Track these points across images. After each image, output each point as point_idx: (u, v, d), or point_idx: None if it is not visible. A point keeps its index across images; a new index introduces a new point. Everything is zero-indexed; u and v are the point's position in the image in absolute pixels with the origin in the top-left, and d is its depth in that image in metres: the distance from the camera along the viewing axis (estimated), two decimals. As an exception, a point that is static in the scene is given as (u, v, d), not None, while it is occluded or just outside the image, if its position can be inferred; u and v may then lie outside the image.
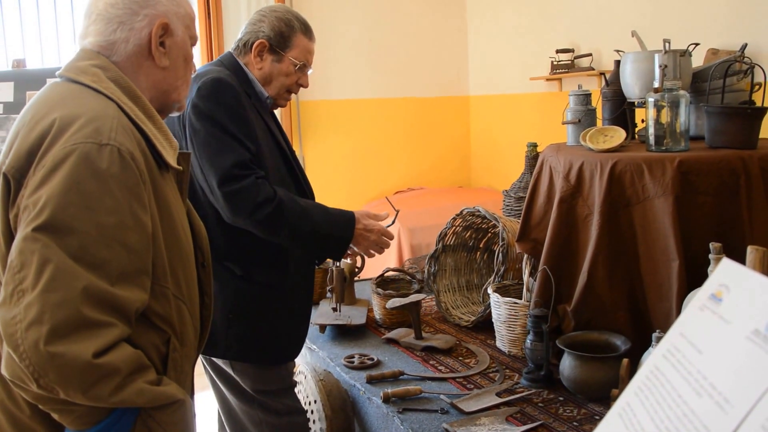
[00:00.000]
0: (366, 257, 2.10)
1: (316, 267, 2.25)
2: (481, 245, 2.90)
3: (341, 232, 1.92)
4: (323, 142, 4.97)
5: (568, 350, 1.86)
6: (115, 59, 1.28)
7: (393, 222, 2.11)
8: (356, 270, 2.91)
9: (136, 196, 1.15)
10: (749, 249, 1.05)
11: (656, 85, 1.86)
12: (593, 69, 3.94)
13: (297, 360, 2.40)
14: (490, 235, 2.86)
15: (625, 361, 1.56)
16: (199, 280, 1.40)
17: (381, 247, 2.01)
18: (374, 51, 5.09)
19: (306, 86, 2.10)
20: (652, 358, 0.79)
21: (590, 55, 3.97)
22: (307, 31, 2.04)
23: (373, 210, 2.12)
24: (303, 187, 2.04)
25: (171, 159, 1.29)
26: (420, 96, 5.27)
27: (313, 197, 2.09)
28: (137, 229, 1.14)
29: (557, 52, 4.09)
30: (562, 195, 2.00)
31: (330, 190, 4.98)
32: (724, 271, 0.76)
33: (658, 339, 1.75)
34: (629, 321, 1.93)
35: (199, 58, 4.46)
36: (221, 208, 1.80)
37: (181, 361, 1.27)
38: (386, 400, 1.95)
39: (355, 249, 1.99)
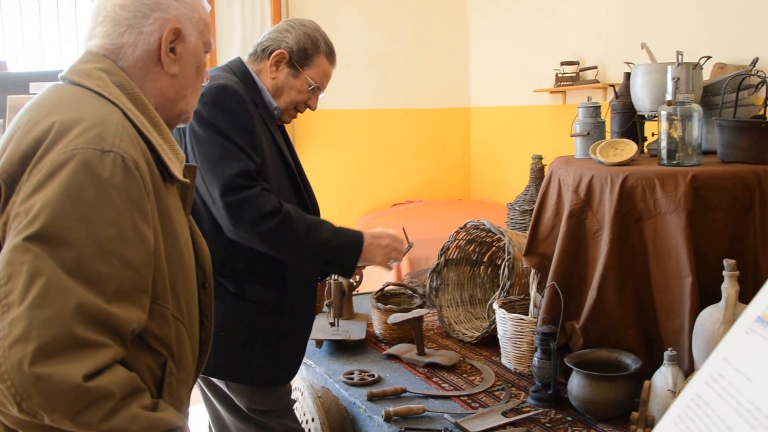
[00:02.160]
0: (385, 269, 2.01)
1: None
2: (485, 259, 2.85)
3: (351, 244, 1.85)
4: (319, 152, 4.92)
5: (577, 369, 1.81)
6: (121, 64, 1.21)
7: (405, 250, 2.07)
8: (354, 284, 2.86)
9: (138, 208, 1.07)
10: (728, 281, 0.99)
11: (669, 98, 1.82)
12: (598, 82, 3.91)
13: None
14: (494, 248, 2.81)
15: (647, 383, 1.51)
16: (200, 301, 1.33)
17: (399, 253, 1.94)
18: (373, 60, 5.05)
19: (313, 109, 2.05)
20: (693, 385, 0.73)
21: (596, 67, 3.94)
22: (330, 54, 1.99)
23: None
24: (306, 204, 1.97)
25: (177, 171, 1.22)
26: (420, 107, 5.23)
27: (317, 214, 2.03)
28: (138, 243, 1.06)
29: (562, 64, 4.06)
30: (572, 209, 1.95)
31: (326, 201, 4.89)
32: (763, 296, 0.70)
33: (671, 357, 1.70)
34: (640, 339, 1.88)
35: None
36: (222, 218, 1.73)
37: (177, 386, 1.19)
38: (388, 418, 1.88)
39: (372, 263, 1.91)
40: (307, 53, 1.93)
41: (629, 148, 1.94)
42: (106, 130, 1.08)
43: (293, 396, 2.32)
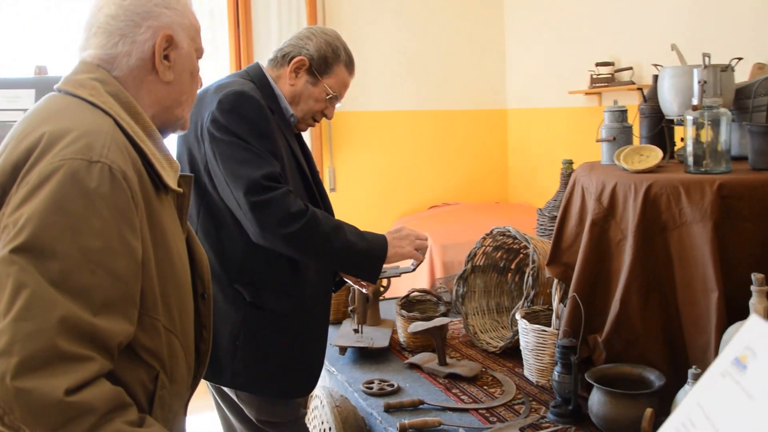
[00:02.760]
0: (416, 259, 1.99)
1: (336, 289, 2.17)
2: (512, 266, 2.78)
3: (376, 246, 1.84)
4: (355, 155, 4.90)
5: (597, 385, 1.74)
6: (116, 74, 1.21)
7: (413, 269, 2.05)
8: (381, 289, 2.83)
9: (126, 219, 1.07)
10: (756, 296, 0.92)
11: (695, 102, 1.74)
12: (634, 83, 3.79)
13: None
14: (522, 256, 2.75)
15: (648, 411, 1.44)
16: (198, 312, 1.32)
17: (422, 241, 1.94)
18: (410, 62, 5.01)
19: (330, 118, 2.04)
20: (667, 427, 0.68)
21: (631, 68, 3.82)
22: (350, 64, 1.98)
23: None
24: (319, 208, 1.96)
25: (171, 180, 1.22)
26: (456, 109, 5.17)
27: None
28: (125, 254, 1.06)
29: (597, 65, 3.95)
30: (594, 218, 1.88)
31: (362, 204, 4.91)
32: (752, 330, 0.65)
33: (695, 376, 1.62)
34: (665, 355, 1.80)
35: (227, 69, 4.44)
36: (249, 221, 1.70)
37: (169, 399, 1.18)
38: (403, 431, 1.85)
39: (403, 256, 1.91)
40: (327, 61, 1.92)
41: (655, 155, 1.86)
42: (95, 141, 1.07)
43: (312, 402, 2.30)
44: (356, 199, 4.90)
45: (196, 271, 1.33)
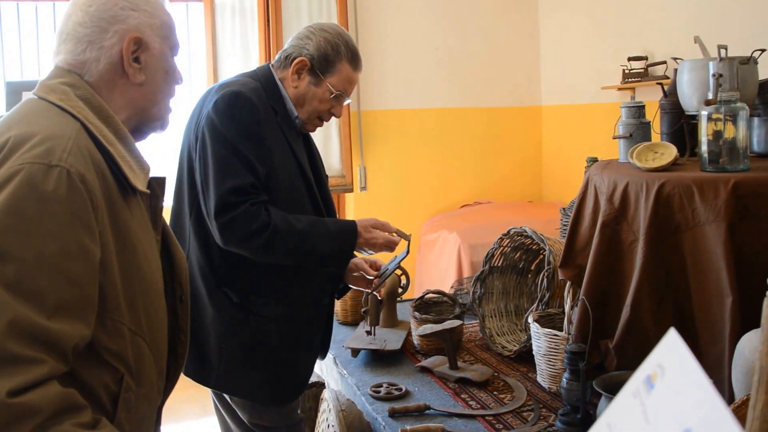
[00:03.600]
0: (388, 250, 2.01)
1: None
2: (532, 267, 2.70)
3: (343, 246, 1.83)
4: (386, 153, 4.86)
5: (605, 393, 1.66)
6: (87, 78, 1.22)
7: (406, 254, 2.01)
8: (400, 290, 2.78)
9: (82, 222, 1.07)
10: (767, 301, 0.84)
11: (710, 96, 1.64)
12: (668, 78, 3.65)
13: (326, 382, 2.29)
14: (541, 257, 2.66)
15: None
16: (176, 315, 1.31)
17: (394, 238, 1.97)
18: (442, 59, 4.94)
19: (338, 116, 2.00)
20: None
21: (665, 62, 3.67)
22: (353, 59, 1.93)
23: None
24: (321, 213, 1.93)
25: (139, 182, 1.21)
26: (489, 106, 5.07)
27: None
28: (81, 257, 1.05)
29: (629, 59, 3.82)
30: (605, 219, 1.80)
31: (392, 202, 4.86)
32: (666, 345, 0.59)
33: (707, 387, 1.52)
34: (679, 363, 1.70)
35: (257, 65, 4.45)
36: (214, 233, 1.74)
37: (135, 403, 1.17)
38: (404, 437, 1.80)
39: (375, 249, 1.94)
40: (329, 60, 1.88)
41: (669, 152, 1.76)
42: (57, 145, 1.08)
43: (321, 406, 2.27)
44: (387, 197, 4.86)
45: (174, 274, 1.33)
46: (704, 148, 1.67)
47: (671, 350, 0.60)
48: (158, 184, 1.30)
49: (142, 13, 1.23)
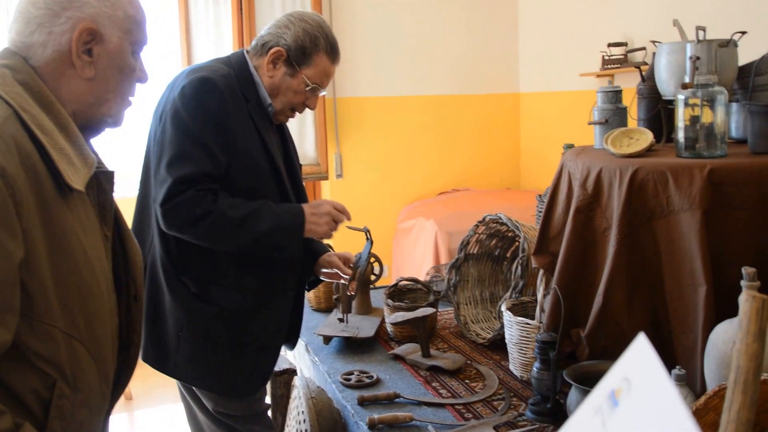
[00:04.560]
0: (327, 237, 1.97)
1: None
2: (508, 255, 2.67)
3: (292, 225, 1.80)
4: (362, 140, 4.80)
5: (575, 384, 1.63)
6: (32, 63, 1.13)
7: (370, 247, 1.99)
8: (373, 277, 2.73)
9: (1, 220, 0.98)
10: (745, 295, 0.81)
11: (686, 79, 1.60)
12: (647, 63, 3.61)
13: (299, 369, 2.25)
14: (517, 244, 2.63)
15: None
16: (130, 314, 1.24)
17: (336, 223, 1.91)
18: (419, 46, 4.88)
19: (313, 108, 1.95)
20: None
21: (644, 48, 3.64)
22: (331, 52, 1.87)
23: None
24: (290, 202, 1.88)
25: (77, 178, 1.12)
26: (467, 93, 5.02)
27: None
28: None
29: (609, 45, 3.78)
30: (578, 205, 1.76)
31: (369, 190, 4.81)
32: (634, 357, 0.55)
33: (679, 377, 1.50)
34: (651, 352, 1.68)
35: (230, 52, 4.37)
36: (159, 220, 1.69)
37: (72, 410, 1.10)
38: (372, 426, 1.76)
39: (317, 235, 1.88)
40: (306, 52, 1.83)
41: (645, 138, 1.73)
42: None
43: (293, 393, 2.23)
44: (363, 185, 4.81)
45: (129, 272, 1.26)
46: (681, 133, 1.63)
47: (640, 361, 0.55)
48: (106, 178, 1.22)
49: (101, 3, 1.14)
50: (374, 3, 4.72)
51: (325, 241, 2.22)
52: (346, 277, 2.06)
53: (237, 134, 1.74)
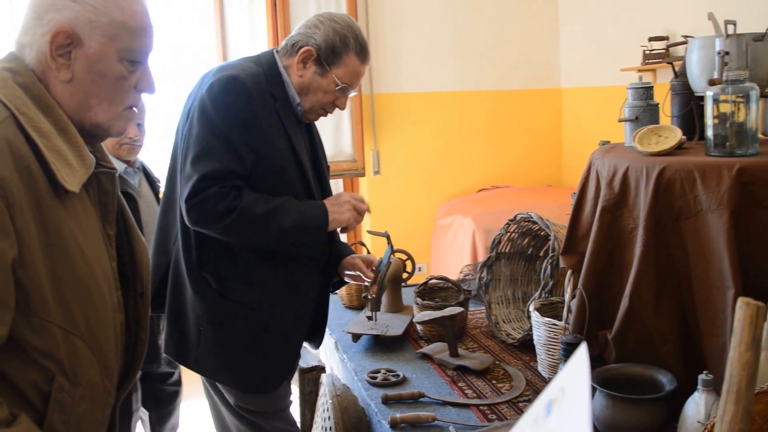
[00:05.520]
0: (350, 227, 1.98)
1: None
2: (540, 254, 2.63)
3: (315, 222, 1.82)
4: (400, 137, 4.79)
5: (599, 387, 1.60)
6: (27, 62, 1.16)
7: (391, 252, 1.99)
8: (405, 275, 2.73)
9: None
10: (739, 302, 0.78)
11: (715, 75, 1.55)
12: (688, 58, 3.51)
13: (327, 366, 2.26)
14: (550, 243, 2.59)
15: None
16: (137, 312, 1.27)
17: (360, 214, 1.91)
18: (458, 40, 4.84)
19: (342, 108, 1.96)
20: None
21: (686, 43, 3.53)
22: (361, 52, 1.88)
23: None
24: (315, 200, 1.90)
25: (72, 180, 1.14)
26: (507, 88, 4.96)
27: None
28: None
29: (650, 40, 3.68)
30: (605, 204, 1.72)
31: (406, 186, 4.80)
32: (572, 367, 0.53)
33: (705, 382, 1.46)
34: (679, 355, 1.63)
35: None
36: (184, 215, 1.72)
37: (72, 403, 1.13)
38: (394, 425, 1.76)
39: (341, 224, 1.90)
40: (336, 51, 1.84)
41: (674, 135, 1.68)
42: None
43: (321, 390, 2.25)
44: (401, 182, 4.80)
45: (135, 271, 1.29)
46: (710, 131, 1.58)
47: (575, 372, 0.54)
48: (108, 178, 1.23)
49: (82, 8, 1.15)
50: (410, -1, 4.71)
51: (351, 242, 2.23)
52: (368, 280, 2.07)
53: (263, 133, 1.76)
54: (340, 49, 1.84)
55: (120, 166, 2.67)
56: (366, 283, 2.13)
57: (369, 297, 2.24)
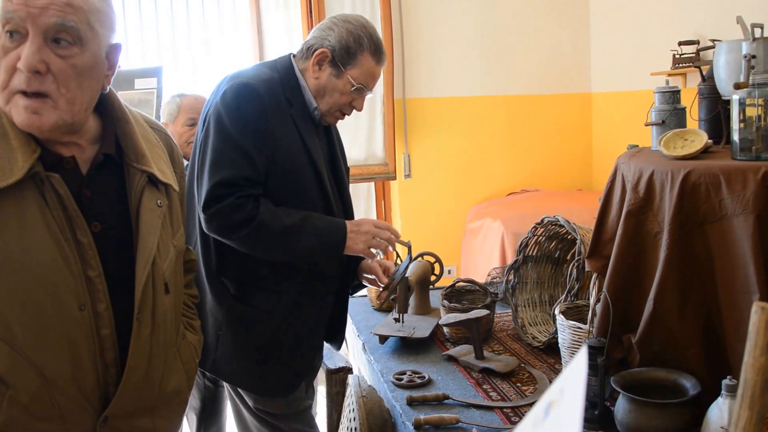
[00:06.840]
0: (368, 257, 1.96)
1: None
2: (568, 257, 2.63)
3: (332, 240, 1.81)
4: (431, 141, 4.80)
5: (622, 391, 1.60)
6: None
7: (409, 261, 1.99)
8: (433, 277, 2.75)
9: None
10: (755, 307, 0.79)
11: (741, 78, 1.55)
12: (719, 62, 3.47)
13: (355, 367, 2.29)
14: (576, 246, 2.59)
15: None
16: (130, 328, 1.26)
17: (380, 240, 1.89)
18: (489, 45, 4.84)
19: (359, 110, 1.96)
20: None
21: (714, 46, 3.49)
22: (376, 52, 1.89)
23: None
24: (332, 209, 1.91)
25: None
26: (538, 93, 4.95)
27: (351, 216, 1.97)
28: None
29: (680, 44, 3.65)
30: (630, 208, 1.72)
31: (437, 190, 4.82)
32: (573, 370, 0.54)
33: (729, 388, 1.45)
34: (704, 360, 1.63)
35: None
36: (203, 224, 1.75)
37: (22, 419, 1.14)
38: (417, 426, 1.78)
39: (354, 251, 1.88)
40: (350, 52, 1.85)
41: (700, 139, 1.68)
42: None
43: (347, 390, 2.27)
44: (432, 185, 4.82)
45: (125, 287, 1.26)
46: (736, 135, 1.58)
47: (575, 374, 0.55)
48: (57, 181, 1.17)
49: None
50: (445, 4, 4.72)
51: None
52: (381, 286, 2.08)
53: (277, 138, 1.77)
54: (355, 50, 1.85)
55: None
56: (380, 288, 2.15)
57: (379, 300, 2.27)
